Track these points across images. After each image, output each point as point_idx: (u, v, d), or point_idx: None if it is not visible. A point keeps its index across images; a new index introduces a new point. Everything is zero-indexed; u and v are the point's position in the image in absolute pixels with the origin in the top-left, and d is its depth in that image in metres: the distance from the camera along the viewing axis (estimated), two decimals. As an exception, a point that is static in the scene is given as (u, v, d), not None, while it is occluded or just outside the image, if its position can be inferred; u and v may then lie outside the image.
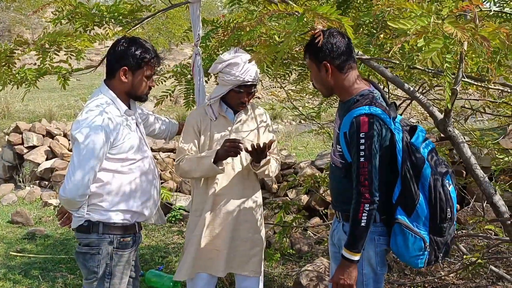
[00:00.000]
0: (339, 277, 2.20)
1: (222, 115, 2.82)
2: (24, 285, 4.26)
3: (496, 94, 3.63)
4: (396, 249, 2.23)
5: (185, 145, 2.81)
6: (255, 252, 2.88)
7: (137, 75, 2.50)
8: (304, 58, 2.36)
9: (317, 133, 4.68)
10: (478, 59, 2.53)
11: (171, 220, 6.04)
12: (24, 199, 7.27)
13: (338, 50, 2.20)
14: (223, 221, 2.80)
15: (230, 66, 2.68)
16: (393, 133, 2.18)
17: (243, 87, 2.70)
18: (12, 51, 2.65)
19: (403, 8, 1.98)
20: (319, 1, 3.14)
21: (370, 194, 2.12)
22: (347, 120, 2.17)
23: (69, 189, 2.35)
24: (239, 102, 2.76)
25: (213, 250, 2.81)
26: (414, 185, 2.16)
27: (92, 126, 2.36)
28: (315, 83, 2.38)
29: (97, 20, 2.82)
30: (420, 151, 2.19)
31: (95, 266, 2.49)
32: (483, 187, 2.49)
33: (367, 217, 2.12)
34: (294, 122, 13.05)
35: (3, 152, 8.43)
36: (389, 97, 3.86)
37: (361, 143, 2.11)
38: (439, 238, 2.20)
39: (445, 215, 2.16)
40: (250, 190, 2.88)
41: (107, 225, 2.48)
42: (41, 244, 5.34)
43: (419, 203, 2.16)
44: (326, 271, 3.57)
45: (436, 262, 2.25)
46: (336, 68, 2.23)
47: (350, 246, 2.17)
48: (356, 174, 2.14)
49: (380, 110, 2.14)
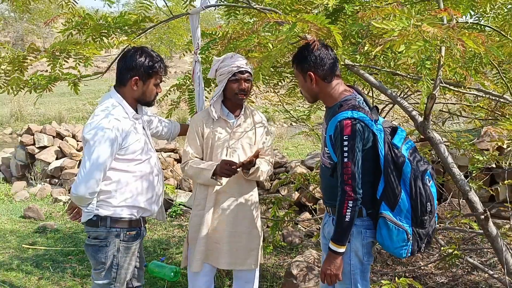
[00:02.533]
0: (326, 268, 2.23)
1: (223, 119, 2.81)
2: (36, 276, 4.24)
3: (471, 98, 3.65)
4: (381, 241, 2.24)
5: (188, 149, 2.83)
6: (254, 246, 2.88)
7: (147, 84, 2.52)
8: (292, 68, 2.38)
9: (307, 135, 4.69)
10: (455, 66, 2.55)
11: (172, 215, 6.03)
12: (36, 195, 7.23)
13: (322, 61, 2.24)
14: (223, 217, 2.80)
15: (223, 61, 2.72)
16: (375, 135, 2.19)
17: (238, 74, 2.70)
18: (24, 57, 2.65)
19: (388, 16, 1.99)
20: (309, 13, 3.15)
21: (353, 191, 2.13)
22: (332, 124, 2.20)
23: (80, 187, 2.36)
24: (238, 90, 2.73)
25: (215, 244, 2.81)
26: (396, 182, 2.17)
27: (102, 129, 2.36)
28: (302, 91, 2.41)
29: (104, 30, 2.82)
30: (401, 150, 2.20)
31: (103, 257, 2.49)
32: (459, 184, 2.50)
33: (351, 213, 2.13)
34: (286, 124, 13.07)
35: (16, 152, 8.40)
36: (374, 102, 3.87)
37: (345, 145, 2.12)
38: (421, 230, 2.22)
39: (425, 208, 2.18)
40: (247, 188, 2.87)
41: (115, 220, 2.48)
42: (51, 238, 5.32)
43: (401, 198, 2.17)
44: (315, 262, 3.57)
45: (419, 251, 2.26)
46: (320, 78, 2.26)
47: (335, 239, 2.19)
48: (341, 173, 2.15)
49: (362, 113, 2.15)
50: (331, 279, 2.23)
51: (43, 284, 4.06)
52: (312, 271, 3.46)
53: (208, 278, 2.90)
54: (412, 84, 3.22)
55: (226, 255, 2.80)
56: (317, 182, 4.32)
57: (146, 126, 2.68)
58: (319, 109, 4.12)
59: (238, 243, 2.82)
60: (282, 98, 4.28)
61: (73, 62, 2.73)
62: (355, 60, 2.57)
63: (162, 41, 10.05)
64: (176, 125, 3.08)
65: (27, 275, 4.25)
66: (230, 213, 2.80)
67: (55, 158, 7.98)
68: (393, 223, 2.17)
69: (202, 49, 2.94)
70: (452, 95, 3.59)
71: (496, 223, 4.13)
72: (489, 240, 2.62)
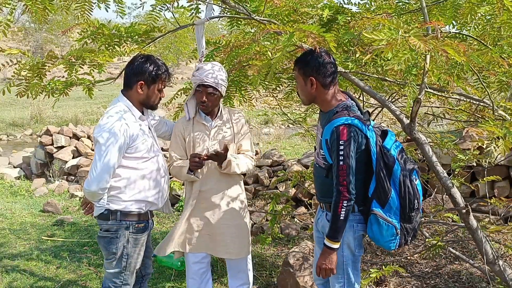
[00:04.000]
0: (321, 262, 2.22)
1: (202, 122, 2.79)
2: (54, 265, 4.23)
3: (454, 102, 3.64)
4: (372, 235, 2.24)
5: (171, 152, 2.83)
6: (243, 236, 2.84)
7: (151, 88, 2.51)
8: (293, 70, 2.36)
9: (303, 135, 4.68)
10: (438, 73, 2.54)
11: (179, 209, 6.02)
12: (54, 191, 7.23)
13: (324, 68, 2.20)
14: (206, 211, 2.78)
15: (197, 71, 2.71)
16: (368, 138, 2.18)
17: (201, 87, 2.68)
18: (43, 64, 2.64)
19: (377, 26, 1.99)
20: (304, 23, 3.14)
21: (348, 192, 2.12)
22: (328, 129, 2.18)
23: (92, 184, 2.36)
24: (199, 101, 2.72)
25: (205, 235, 2.79)
26: (386, 182, 2.16)
27: (112, 130, 2.36)
28: (300, 93, 2.38)
29: (116, 39, 2.81)
30: (391, 152, 2.19)
31: (114, 248, 2.48)
32: (442, 181, 2.49)
33: (345, 212, 2.13)
34: (284, 126, 13.07)
35: (36, 151, 8.40)
36: (364, 105, 3.86)
37: (341, 149, 2.11)
38: (408, 225, 2.21)
39: (413, 205, 2.17)
40: (229, 183, 2.83)
41: (124, 213, 2.47)
42: (68, 230, 5.31)
43: (391, 196, 2.16)
44: (310, 252, 3.56)
45: (406, 244, 2.26)
46: (320, 84, 2.23)
47: (330, 236, 2.18)
48: (336, 175, 2.14)
49: (356, 120, 2.14)
50: (326, 273, 2.23)
51: (61, 272, 4.06)
52: (308, 261, 3.45)
53: (203, 266, 2.86)
54: (399, 89, 3.21)
55: (220, 245, 2.78)
56: (312, 179, 4.31)
57: (152, 128, 2.69)
58: (315, 113, 4.12)
59: (224, 233, 2.78)
60: (280, 102, 4.26)
61: (88, 68, 2.73)
62: (347, 67, 2.57)
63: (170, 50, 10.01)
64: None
65: (46, 265, 4.24)
66: (213, 206, 2.78)
67: (71, 157, 7.98)
68: (384, 220, 2.17)
69: (207, 56, 2.94)
70: (436, 99, 3.58)
71: (476, 216, 4.12)
72: (470, 232, 2.61)
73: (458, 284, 3.52)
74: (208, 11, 2.89)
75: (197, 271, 2.86)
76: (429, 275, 3.67)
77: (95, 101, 16.40)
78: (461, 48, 1.81)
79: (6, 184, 7.67)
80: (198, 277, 2.86)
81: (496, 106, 2.62)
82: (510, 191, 4.61)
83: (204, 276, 2.89)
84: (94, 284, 3.81)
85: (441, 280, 3.58)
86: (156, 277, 3.90)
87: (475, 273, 3.62)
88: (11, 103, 17.21)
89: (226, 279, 3.78)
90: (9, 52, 2.62)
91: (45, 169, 8.11)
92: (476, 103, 2.91)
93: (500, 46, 2.65)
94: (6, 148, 11.60)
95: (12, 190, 7.32)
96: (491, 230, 3.17)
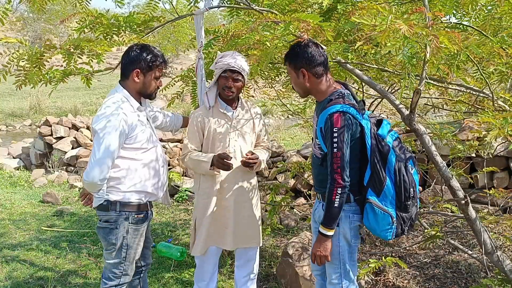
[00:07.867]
0: (316, 249, 2.23)
1: (222, 112, 2.79)
2: (54, 255, 4.25)
3: (453, 93, 3.63)
4: (368, 224, 2.24)
5: (188, 143, 2.81)
6: (256, 226, 2.89)
7: (147, 76, 2.49)
8: (285, 65, 2.36)
9: (302, 126, 4.67)
10: (438, 63, 2.53)
11: (178, 200, 6.04)
12: (53, 182, 7.24)
13: (313, 59, 2.21)
14: (228, 203, 2.80)
15: (222, 58, 2.70)
16: (362, 126, 2.18)
17: (228, 72, 2.68)
18: (42, 53, 2.63)
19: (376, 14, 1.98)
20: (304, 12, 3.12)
21: (342, 179, 2.12)
22: (322, 117, 2.18)
23: (91, 175, 2.35)
24: (225, 86, 2.71)
25: (222, 228, 2.81)
26: (381, 170, 2.16)
27: (110, 120, 2.34)
28: (294, 86, 2.38)
29: (115, 28, 2.79)
30: (386, 140, 2.19)
31: (114, 239, 2.49)
32: (442, 172, 2.49)
33: (340, 199, 2.13)
34: (283, 117, 13.05)
35: (35, 142, 8.40)
36: (364, 96, 3.85)
37: (334, 137, 2.11)
38: (405, 214, 2.21)
39: (408, 194, 2.17)
40: (248, 176, 2.87)
41: (124, 204, 2.47)
42: (68, 220, 5.33)
43: (386, 185, 2.16)
44: (309, 243, 3.57)
45: (402, 234, 2.25)
46: (312, 74, 2.24)
47: (325, 223, 2.19)
48: (330, 163, 2.14)
49: (350, 107, 2.14)
50: (320, 260, 2.24)
51: (60, 263, 4.07)
52: (307, 251, 3.46)
53: (216, 259, 2.92)
54: (399, 80, 3.20)
55: (232, 236, 2.81)
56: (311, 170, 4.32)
57: (150, 119, 2.67)
58: (314, 104, 4.11)
59: (243, 224, 2.83)
60: (279, 93, 4.25)
61: (86, 58, 2.72)
62: (347, 58, 2.56)
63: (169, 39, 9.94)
64: (179, 117, 3.06)
65: (45, 255, 4.26)
66: (234, 198, 2.80)
67: (71, 147, 7.98)
68: (379, 208, 2.17)
69: (206, 45, 2.92)
70: (435, 89, 3.57)
71: (475, 207, 4.13)
72: (469, 223, 2.62)
73: (456, 274, 3.54)
74: (207, 0, 2.88)
75: (211, 266, 2.91)
76: (427, 266, 3.69)
77: (94, 92, 16.38)
78: (456, 37, 1.80)
79: (6, 174, 7.68)
80: (212, 267, 2.92)
81: (496, 97, 2.61)
82: (509, 182, 4.62)
83: (216, 267, 2.96)
84: (93, 274, 3.83)
85: (440, 271, 3.60)
86: (155, 268, 3.92)
87: (473, 264, 3.63)
88: (10, 94, 17.18)
89: (225, 269, 3.80)
90: (6, 40, 2.60)
91: (45, 159, 8.12)
92: (476, 94, 2.91)
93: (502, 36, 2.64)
94: (5, 138, 11.60)
95: (12, 181, 7.32)
96: (489, 221, 3.18)
